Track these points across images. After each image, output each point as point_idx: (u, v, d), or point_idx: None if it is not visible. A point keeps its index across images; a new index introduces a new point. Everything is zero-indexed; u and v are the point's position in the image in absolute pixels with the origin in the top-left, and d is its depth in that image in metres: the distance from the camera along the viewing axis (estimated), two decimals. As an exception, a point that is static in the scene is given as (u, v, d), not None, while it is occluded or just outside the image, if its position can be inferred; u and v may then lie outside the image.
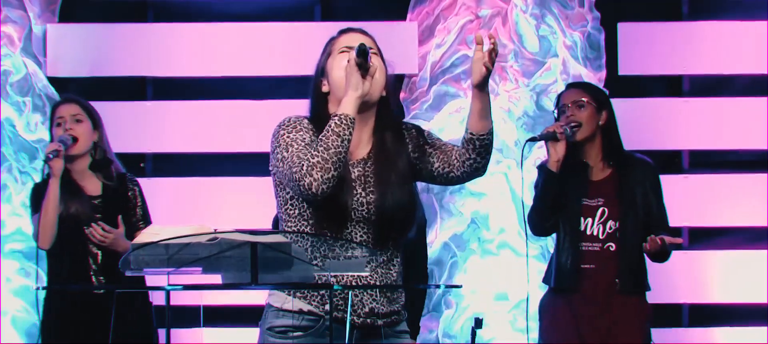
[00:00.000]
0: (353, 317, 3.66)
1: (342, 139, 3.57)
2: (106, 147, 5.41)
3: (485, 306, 6.45)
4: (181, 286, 3.42)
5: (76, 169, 5.33)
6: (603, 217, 5.23)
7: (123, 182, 5.39)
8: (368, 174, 3.72)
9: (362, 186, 3.70)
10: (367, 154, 3.75)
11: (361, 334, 3.69)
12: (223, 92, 6.64)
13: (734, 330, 6.52)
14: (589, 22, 6.62)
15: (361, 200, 3.68)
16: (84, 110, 5.37)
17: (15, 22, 6.60)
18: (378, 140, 3.76)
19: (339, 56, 3.74)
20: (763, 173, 6.54)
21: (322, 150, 3.56)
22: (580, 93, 5.29)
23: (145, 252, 3.33)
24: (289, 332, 3.67)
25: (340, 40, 3.80)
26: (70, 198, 5.25)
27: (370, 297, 3.69)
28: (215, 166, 6.62)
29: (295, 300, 3.67)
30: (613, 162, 5.28)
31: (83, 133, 5.32)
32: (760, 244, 6.53)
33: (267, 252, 3.32)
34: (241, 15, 6.69)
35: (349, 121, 3.59)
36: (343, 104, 3.62)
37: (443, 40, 6.63)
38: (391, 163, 3.73)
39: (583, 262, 5.20)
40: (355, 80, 3.62)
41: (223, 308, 6.41)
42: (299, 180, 3.55)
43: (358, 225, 3.68)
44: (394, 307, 3.75)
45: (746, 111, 6.57)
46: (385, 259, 3.72)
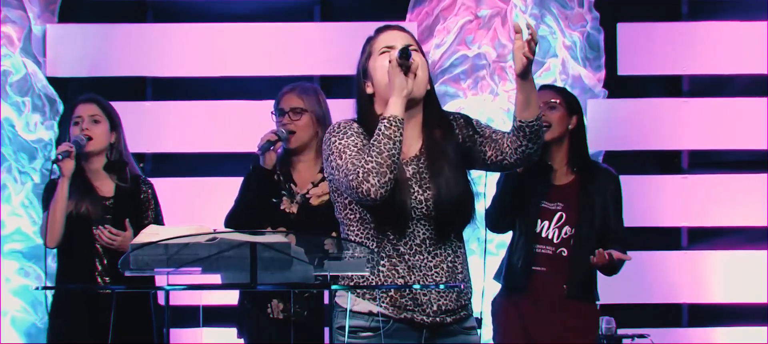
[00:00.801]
0: (422, 316, 3.68)
1: (394, 142, 3.60)
2: (122, 149, 5.40)
3: (484, 306, 6.44)
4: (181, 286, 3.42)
5: (91, 168, 5.33)
6: (560, 221, 5.22)
7: (136, 184, 5.39)
8: (422, 171, 3.74)
9: (418, 184, 3.72)
10: (419, 150, 3.77)
11: (430, 333, 3.71)
12: (223, 92, 6.64)
13: (734, 330, 6.52)
14: (589, 22, 6.62)
15: (418, 198, 3.70)
16: (102, 110, 5.37)
17: (14, 22, 6.59)
18: (427, 136, 3.78)
19: (380, 57, 3.75)
20: (763, 173, 6.54)
21: (375, 154, 3.58)
22: (553, 94, 5.30)
23: (145, 252, 3.34)
24: (359, 332, 3.68)
25: (378, 40, 3.80)
26: (82, 198, 5.25)
27: (437, 295, 3.70)
28: (214, 166, 6.62)
29: (364, 302, 3.69)
30: (577, 168, 5.27)
31: (99, 133, 5.32)
32: (760, 244, 6.53)
33: (266, 252, 3.32)
34: (241, 15, 6.69)
35: (398, 122, 3.62)
36: (390, 106, 3.64)
37: (443, 40, 6.63)
38: (443, 156, 3.75)
39: (534, 264, 5.20)
40: (399, 81, 3.64)
41: (223, 308, 6.41)
42: (356, 187, 3.58)
43: (418, 222, 3.71)
44: (462, 301, 3.76)
45: (745, 111, 6.57)
46: (450, 253, 3.74)
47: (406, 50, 3.64)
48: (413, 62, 3.66)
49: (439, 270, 3.71)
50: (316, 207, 5.20)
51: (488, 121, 6.56)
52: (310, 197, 5.21)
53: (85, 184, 5.29)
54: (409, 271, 3.69)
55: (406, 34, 3.80)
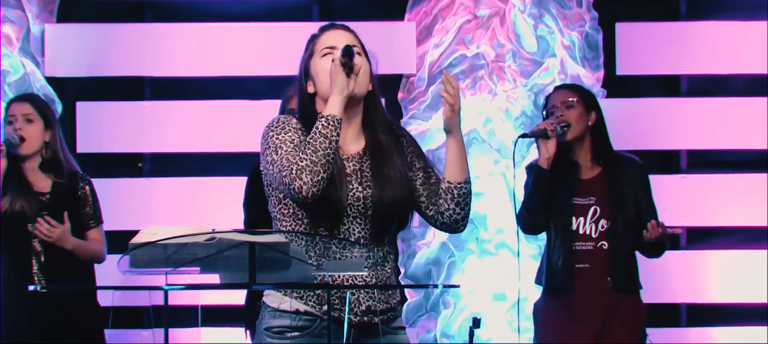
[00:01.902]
0: (350, 315, 3.66)
1: (330, 141, 3.58)
2: (57, 147, 5.34)
3: (483, 306, 6.44)
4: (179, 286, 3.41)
5: (28, 166, 5.30)
6: (595, 216, 5.23)
7: (74, 180, 5.34)
8: (364, 169, 3.72)
9: (358, 181, 3.70)
10: (362, 148, 3.75)
11: (359, 332, 3.69)
12: (221, 92, 6.64)
13: (732, 330, 6.53)
14: (587, 22, 6.62)
15: (356, 195, 3.68)
16: (36, 109, 5.32)
17: (13, 22, 6.59)
18: (370, 134, 3.76)
19: (322, 59, 3.74)
20: (762, 173, 6.55)
21: (310, 152, 3.56)
22: (569, 93, 5.31)
23: (143, 252, 3.33)
24: (286, 332, 3.67)
25: (321, 40, 3.79)
26: (17, 195, 5.21)
27: (366, 295, 3.69)
28: (213, 166, 6.62)
29: (291, 301, 3.67)
30: (602, 161, 5.30)
31: (33, 133, 5.28)
32: (759, 244, 6.54)
33: (265, 252, 3.32)
34: (239, 15, 6.69)
35: (336, 122, 3.59)
36: (329, 105, 3.62)
37: (441, 40, 6.63)
38: (387, 156, 3.73)
39: (576, 262, 5.20)
40: (340, 80, 3.62)
41: (221, 308, 6.41)
42: (289, 184, 3.56)
43: (354, 221, 3.68)
44: (391, 303, 3.75)
45: (744, 111, 6.57)
46: (381, 256, 3.72)
47: (349, 49, 3.62)
48: (356, 64, 3.64)
49: (370, 272, 3.69)
50: None
51: (487, 121, 6.57)
52: None
53: (21, 182, 5.25)
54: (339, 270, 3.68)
55: (350, 33, 3.77)
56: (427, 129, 6.57)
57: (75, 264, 5.27)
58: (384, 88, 3.83)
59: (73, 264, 5.26)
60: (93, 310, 5.35)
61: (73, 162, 5.42)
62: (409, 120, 6.56)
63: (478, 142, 6.55)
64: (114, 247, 5.47)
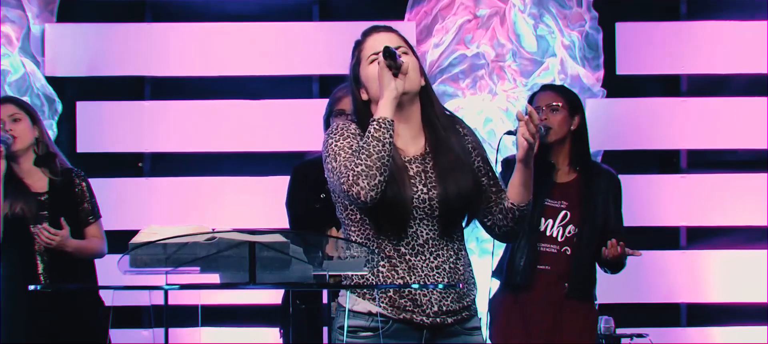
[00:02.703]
0: (422, 317, 3.67)
1: (383, 144, 3.58)
2: (47, 141, 5.36)
3: (483, 306, 6.44)
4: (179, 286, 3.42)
5: (21, 168, 5.29)
6: (564, 220, 5.22)
7: (69, 177, 5.35)
8: (428, 170, 3.71)
9: (422, 182, 3.69)
10: (424, 148, 3.74)
11: (431, 333, 3.69)
12: (221, 92, 6.64)
13: (732, 330, 6.53)
14: (587, 21, 6.62)
15: (422, 196, 3.67)
16: (20, 108, 5.32)
17: (13, 22, 6.59)
18: (430, 132, 3.75)
19: (370, 66, 3.72)
20: (761, 173, 6.55)
21: (365, 157, 3.57)
22: (555, 96, 5.27)
23: (144, 251, 3.33)
24: (359, 332, 3.67)
25: (366, 46, 3.76)
26: (16, 198, 5.21)
27: (438, 295, 3.69)
28: (213, 166, 6.62)
29: (364, 302, 3.68)
30: (579, 167, 5.27)
31: (23, 131, 5.28)
32: (758, 244, 6.54)
33: (265, 251, 3.32)
34: (239, 15, 6.69)
35: (387, 124, 3.59)
36: (380, 108, 3.62)
37: (441, 39, 6.63)
38: (449, 152, 3.72)
39: (539, 262, 5.19)
40: (387, 82, 3.62)
41: (221, 307, 6.41)
42: (347, 191, 3.56)
43: (422, 222, 3.68)
44: (465, 302, 3.75)
45: (744, 111, 6.57)
46: (453, 254, 3.73)
47: (389, 50, 3.61)
48: (402, 63, 3.64)
49: (441, 271, 3.69)
50: None
51: (487, 121, 6.57)
52: None
53: (18, 184, 5.25)
54: (408, 272, 3.67)
55: (392, 34, 3.76)
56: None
57: (78, 262, 5.29)
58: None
59: (76, 263, 5.28)
60: (98, 308, 5.35)
61: (64, 158, 5.43)
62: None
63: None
64: (114, 247, 5.46)
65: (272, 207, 5.64)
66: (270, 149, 6.53)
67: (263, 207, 6.33)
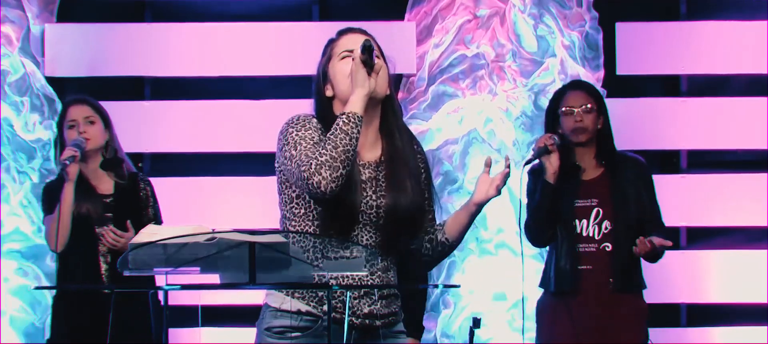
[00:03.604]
0: (352, 317, 3.65)
1: (350, 137, 3.55)
2: (117, 145, 5.43)
3: (483, 306, 6.44)
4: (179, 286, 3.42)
5: (88, 168, 5.34)
6: (598, 218, 5.23)
7: (135, 182, 5.41)
8: (380, 178, 3.70)
9: (373, 189, 3.68)
10: (379, 156, 3.73)
11: (359, 335, 3.68)
12: (221, 92, 6.64)
13: (732, 330, 6.53)
14: (587, 21, 6.62)
15: (370, 203, 3.67)
16: (95, 111, 5.39)
17: (13, 22, 6.59)
18: (388, 142, 3.74)
19: (341, 62, 3.72)
20: (761, 173, 6.55)
21: (330, 148, 3.54)
22: (588, 98, 5.27)
23: (144, 251, 3.33)
24: (287, 332, 3.66)
25: (339, 43, 3.77)
26: (82, 198, 5.27)
27: (368, 299, 3.68)
28: (213, 166, 6.62)
29: (293, 301, 3.66)
30: (605, 161, 5.28)
31: (96, 134, 5.34)
32: (758, 244, 6.54)
33: (265, 252, 3.32)
34: (239, 15, 6.69)
35: (357, 119, 3.57)
36: (351, 102, 3.60)
37: (441, 39, 6.63)
38: (404, 165, 3.72)
39: (580, 264, 5.20)
40: (361, 78, 3.60)
41: (222, 308, 6.41)
42: (307, 179, 3.53)
43: (365, 228, 3.67)
44: (392, 308, 3.75)
45: (744, 111, 6.57)
46: (385, 265, 3.72)
47: (369, 46, 3.60)
48: (376, 62, 3.63)
49: (374, 279, 3.69)
50: None
51: (487, 121, 6.57)
52: None
53: (84, 185, 5.30)
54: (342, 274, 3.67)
55: (368, 37, 3.74)
56: (426, 129, 6.57)
57: None
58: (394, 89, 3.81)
59: None
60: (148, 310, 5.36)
61: (130, 162, 5.48)
62: (409, 120, 6.56)
63: (478, 141, 6.55)
64: (114, 247, 5.47)
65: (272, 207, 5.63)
66: (270, 149, 6.45)
67: (263, 208, 6.31)
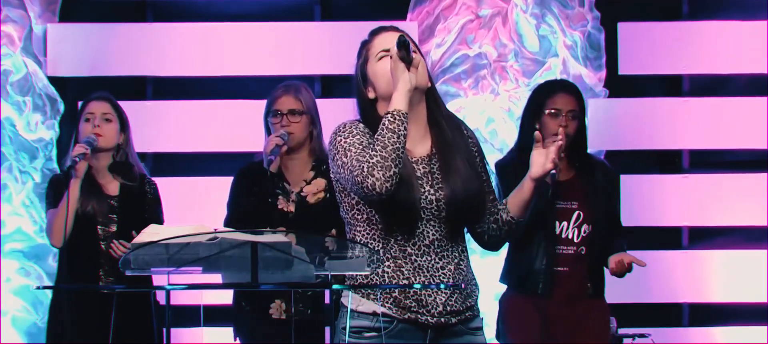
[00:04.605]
0: (427, 316, 3.66)
1: (398, 135, 3.56)
2: (129, 150, 5.41)
3: (485, 306, 6.44)
4: (182, 286, 3.42)
5: (97, 166, 5.33)
6: (578, 221, 5.22)
7: (141, 184, 5.39)
8: (434, 171, 3.71)
9: (430, 183, 3.69)
10: (430, 149, 3.74)
11: (436, 333, 3.69)
12: (223, 92, 6.65)
13: (734, 330, 6.53)
14: (589, 21, 6.62)
15: (429, 198, 3.67)
16: (114, 110, 5.38)
17: (15, 22, 6.60)
18: (436, 133, 3.75)
19: (380, 62, 3.71)
20: (763, 173, 6.55)
21: (380, 149, 3.55)
22: (574, 102, 5.23)
23: (146, 251, 3.34)
24: (363, 332, 3.67)
25: (374, 44, 3.76)
26: (88, 197, 5.26)
27: (443, 295, 3.68)
28: (215, 166, 6.62)
29: (368, 303, 3.67)
30: (577, 163, 5.25)
31: (109, 132, 5.33)
32: (760, 244, 6.54)
33: (267, 251, 3.32)
34: (241, 14, 6.69)
35: (402, 116, 3.58)
36: (394, 100, 3.60)
37: (443, 39, 6.63)
38: (456, 153, 3.72)
39: (557, 265, 5.18)
40: (401, 74, 3.61)
41: (224, 308, 6.41)
42: (361, 182, 3.54)
43: (429, 223, 3.67)
44: (468, 303, 3.75)
45: (746, 111, 6.57)
46: (457, 255, 3.72)
47: (404, 41, 3.61)
48: (414, 56, 3.64)
49: (446, 272, 3.69)
50: (313, 204, 5.20)
51: (489, 121, 6.57)
52: (306, 195, 5.21)
53: (91, 183, 5.29)
54: (414, 272, 3.67)
55: (401, 33, 3.74)
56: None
57: None
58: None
59: None
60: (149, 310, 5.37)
61: (141, 165, 5.46)
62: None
63: (480, 142, 6.54)
64: (116, 247, 5.47)
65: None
66: (272, 149, 6.53)
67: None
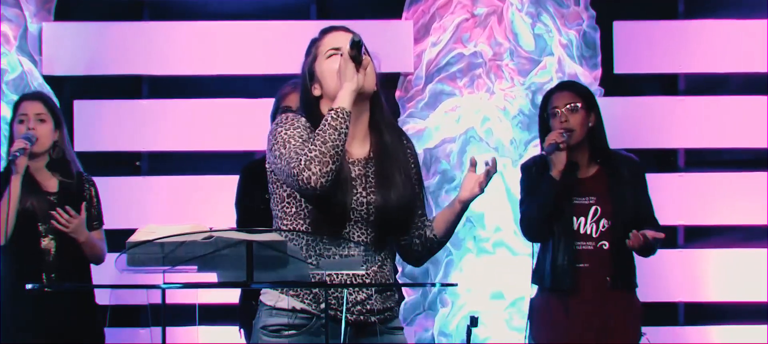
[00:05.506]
0: (347, 314, 3.65)
1: (339, 133, 3.56)
2: (65, 146, 5.37)
3: (481, 305, 6.44)
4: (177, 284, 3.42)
5: (35, 165, 5.31)
6: (596, 215, 5.23)
7: (80, 181, 5.37)
8: (369, 174, 3.71)
9: (362, 186, 3.68)
10: (368, 153, 3.73)
11: (355, 331, 3.68)
12: (219, 91, 6.64)
13: (730, 329, 6.53)
14: (585, 20, 6.62)
15: (360, 200, 3.67)
16: (48, 109, 5.33)
17: (11, 21, 6.59)
18: (377, 138, 3.74)
19: (328, 60, 3.72)
20: (759, 172, 6.55)
21: (319, 144, 3.54)
22: (574, 97, 5.27)
23: (141, 250, 3.34)
24: (282, 330, 3.66)
25: (324, 42, 3.77)
26: (27, 193, 5.22)
27: (364, 295, 3.68)
28: (211, 165, 6.62)
29: (286, 299, 3.66)
30: (600, 160, 5.28)
31: (44, 132, 5.29)
32: (756, 243, 6.54)
33: (262, 250, 3.32)
34: (237, 13, 6.69)
35: (345, 114, 3.58)
36: (339, 97, 3.60)
37: (439, 38, 6.63)
38: (394, 161, 3.72)
39: (578, 261, 5.20)
40: (350, 73, 3.61)
41: (219, 306, 6.41)
42: (297, 175, 3.54)
43: (356, 225, 3.67)
44: (388, 304, 3.75)
45: (742, 109, 6.58)
46: (380, 259, 3.72)
47: (358, 42, 3.61)
48: (364, 57, 3.64)
49: (368, 274, 3.69)
50: None
51: (484, 120, 6.57)
52: None
53: (29, 180, 5.26)
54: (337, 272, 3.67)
55: (351, 35, 3.73)
56: (424, 128, 6.57)
57: (79, 264, 5.30)
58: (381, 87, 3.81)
59: (78, 264, 5.29)
60: (91, 309, 5.36)
61: (78, 162, 5.44)
62: (406, 118, 6.56)
63: (476, 140, 6.55)
64: (112, 246, 5.47)
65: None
66: (267, 148, 6.53)
67: (261, 206, 6.33)
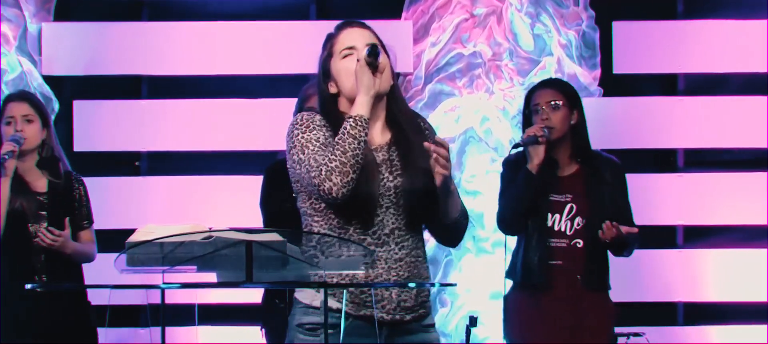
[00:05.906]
0: (382, 313, 3.65)
1: (359, 142, 3.57)
2: (53, 145, 5.37)
3: (480, 305, 6.45)
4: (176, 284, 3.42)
5: (24, 166, 5.30)
6: (571, 213, 5.22)
7: (69, 181, 5.36)
8: (393, 158, 3.71)
9: (389, 170, 3.68)
10: (390, 138, 3.73)
11: (389, 330, 3.68)
12: (219, 91, 6.64)
13: (729, 329, 6.53)
14: (584, 20, 6.62)
15: (387, 184, 3.66)
16: (34, 109, 5.32)
17: (10, 21, 6.59)
18: (395, 129, 3.74)
19: (344, 60, 3.71)
20: (758, 172, 6.55)
21: (339, 153, 3.56)
22: (555, 94, 5.25)
23: (140, 250, 3.34)
24: (318, 329, 3.66)
25: (340, 39, 3.76)
26: (16, 195, 5.21)
27: (398, 291, 3.68)
28: (210, 165, 6.62)
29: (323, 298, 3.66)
30: (580, 159, 5.27)
31: (32, 133, 5.28)
32: (755, 243, 6.54)
33: (262, 250, 3.32)
34: (237, 13, 6.69)
35: (364, 122, 3.59)
36: (357, 105, 3.62)
37: (438, 38, 6.63)
38: (413, 145, 3.70)
39: (551, 258, 5.19)
40: (366, 80, 3.62)
41: (218, 306, 6.41)
42: (318, 185, 3.55)
43: (388, 211, 3.66)
44: (420, 299, 3.74)
45: (741, 109, 6.58)
46: (414, 245, 3.71)
47: (375, 48, 3.62)
48: (381, 62, 3.64)
49: (403, 264, 3.67)
50: None
51: (483, 120, 6.57)
52: None
53: (18, 181, 5.26)
54: (372, 264, 3.66)
55: (367, 31, 3.76)
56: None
57: (71, 263, 5.30)
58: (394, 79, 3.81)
59: (69, 264, 5.29)
60: (85, 309, 5.36)
61: (66, 161, 5.43)
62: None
63: (475, 140, 6.55)
64: (111, 246, 5.45)
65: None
66: (267, 148, 6.53)
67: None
